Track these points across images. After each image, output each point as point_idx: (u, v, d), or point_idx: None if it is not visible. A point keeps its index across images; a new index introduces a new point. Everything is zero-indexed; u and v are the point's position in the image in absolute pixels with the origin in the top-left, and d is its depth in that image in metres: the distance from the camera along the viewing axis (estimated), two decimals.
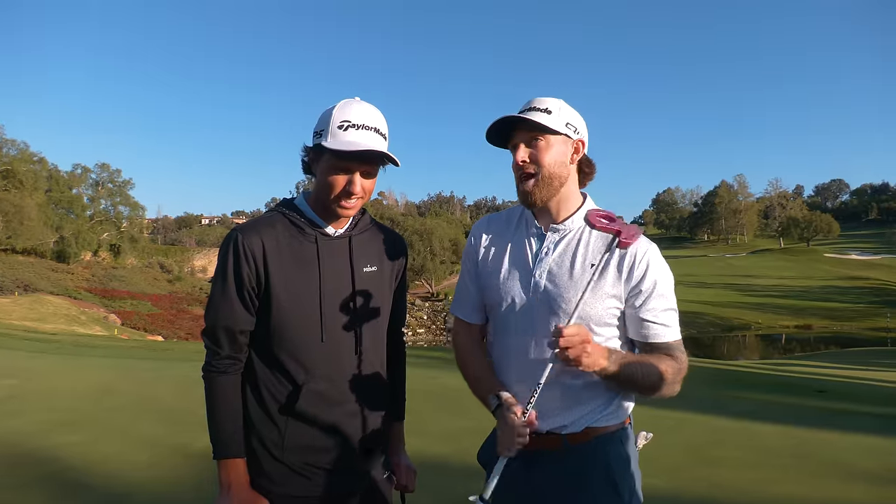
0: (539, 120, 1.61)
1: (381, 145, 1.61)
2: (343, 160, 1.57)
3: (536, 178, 1.63)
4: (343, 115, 1.58)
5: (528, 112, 1.64)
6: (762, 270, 69.14)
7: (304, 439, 1.64)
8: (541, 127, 1.62)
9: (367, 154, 1.57)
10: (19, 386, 7.49)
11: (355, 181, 1.60)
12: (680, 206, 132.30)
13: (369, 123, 1.59)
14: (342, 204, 1.62)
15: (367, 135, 1.58)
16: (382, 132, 1.63)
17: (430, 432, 5.03)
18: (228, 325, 1.60)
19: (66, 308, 38.02)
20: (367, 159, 1.60)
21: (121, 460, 4.56)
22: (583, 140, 1.69)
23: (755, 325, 43.90)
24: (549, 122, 1.62)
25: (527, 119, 1.61)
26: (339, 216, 1.66)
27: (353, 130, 1.56)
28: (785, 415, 6.53)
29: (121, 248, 60.62)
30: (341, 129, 1.56)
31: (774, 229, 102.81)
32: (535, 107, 1.65)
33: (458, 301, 1.88)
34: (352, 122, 1.57)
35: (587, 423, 1.62)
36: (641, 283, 1.59)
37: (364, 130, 1.58)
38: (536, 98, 1.68)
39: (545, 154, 1.63)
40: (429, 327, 46.23)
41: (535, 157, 1.63)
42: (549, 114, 1.63)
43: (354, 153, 1.55)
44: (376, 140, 1.60)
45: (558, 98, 1.69)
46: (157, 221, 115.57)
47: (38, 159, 52.37)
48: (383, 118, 1.65)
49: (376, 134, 1.60)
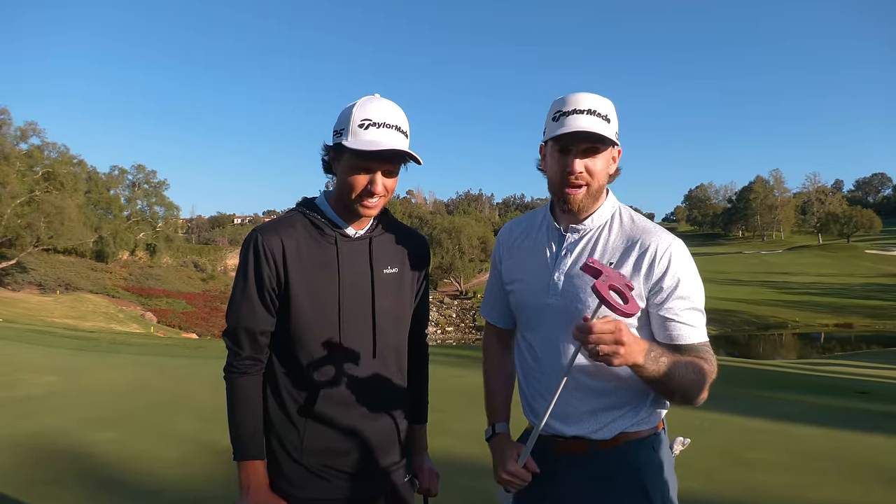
0: (605, 132, 1.49)
1: (403, 143, 1.57)
2: (364, 160, 1.54)
3: (588, 189, 1.55)
4: (363, 113, 1.54)
5: (591, 119, 1.50)
6: (800, 267, 67.36)
7: (322, 441, 1.62)
8: (605, 139, 1.51)
9: (388, 154, 1.54)
10: (59, 383, 7.70)
11: (377, 181, 1.57)
12: (713, 203, 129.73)
13: (390, 121, 1.55)
14: (364, 203, 1.59)
15: (388, 133, 1.54)
16: (404, 130, 1.59)
17: (457, 431, 4.99)
18: (249, 326, 1.60)
19: (104, 306, 39.21)
20: (389, 159, 1.57)
21: (153, 457, 4.65)
22: (620, 148, 1.62)
23: (792, 324, 42.75)
24: (610, 133, 1.51)
25: (601, 135, 1.49)
26: (361, 216, 1.64)
27: (374, 129, 1.53)
28: (825, 417, 6.31)
29: (156, 247, 62.16)
30: (362, 128, 1.53)
31: (812, 225, 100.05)
32: (596, 111, 1.51)
33: (486, 304, 1.88)
34: (372, 120, 1.54)
35: (618, 429, 1.56)
36: (662, 281, 1.50)
37: (385, 129, 1.54)
38: (593, 98, 1.54)
39: (602, 168, 1.56)
40: (457, 325, 46.28)
41: (591, 169, 1.54)
42: (609, 122, 1.52)
43: (375, 153, 1.52)
44: (397, 138, 1.56)
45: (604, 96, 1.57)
46: (191, 221, 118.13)
47: (77, 161, 53.89)
48: (404, 115, 1.61)
49: (397, 132, 1.56)
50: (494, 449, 1.70)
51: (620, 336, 1.29)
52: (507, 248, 1.77)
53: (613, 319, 1.31)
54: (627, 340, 1.31)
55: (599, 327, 1.28)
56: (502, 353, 1.85)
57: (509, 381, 1.83)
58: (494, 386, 1.82)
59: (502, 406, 1.79)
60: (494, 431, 1.74)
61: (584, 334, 1.29)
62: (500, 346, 1.85)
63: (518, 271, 1.70)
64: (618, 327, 1.30)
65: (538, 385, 1.64)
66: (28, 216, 43.69)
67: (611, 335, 1.28)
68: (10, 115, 47.65)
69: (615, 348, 1.29)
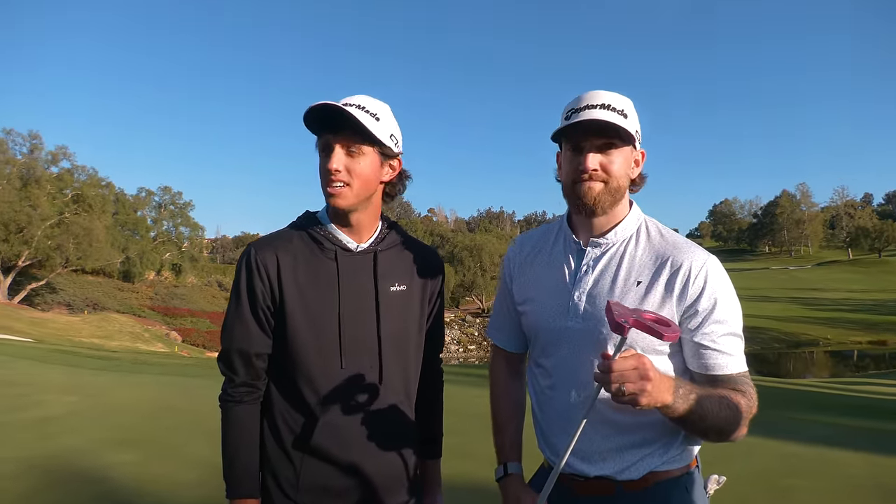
0: (621, 124, 1.36)
1: (358, 114, 1.42)
2: (317, 133, 1.45)
3: (607, 185, 1.40)
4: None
5: (605, 112, 1.37)
6: (830, 283, 65.81)
7: (320, 479, 1.47)
8: (621, 133, 1.37)
9: (328, 111, 1.40)
10: (80, 403, 7.70)
11: (332, 156, 1.43)
12: (738, 217, 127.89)
13: (351, 101, 1.44)
14: (328, 190, 1.45)
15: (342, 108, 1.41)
16: (370, 111, 1.45)
17: (479, 455, 4.82)
18: (243, 348, 1.47)
19: (130, 325, 39.71)
20: (335, 126, 1.42)
21: (170, 480, 4.57)
22: (644, 152, 1.47)
23: (824, 341, 41.57)
24: (627, 126, 1.37)
25: (616, 126, 1.36)
26: (337, 211, 1.50)
27: (327, 102, 1.42)
28: (863, 440, 6.03)
29: (182, 267, 63.00)
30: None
31: (842, 240, 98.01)
32: (611, 105, 1.38)
33: (494, 325, 1.71)
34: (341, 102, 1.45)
35: (647, 469, 1.40)
36: (698, 303, 1.35)
37: (344, 107, 1.42)
38: (607, 93, 1.41)
39: (621, 164, 1.41)
40: (479, 343, 45.96)
41: (606, 166, 1.39)
42: (626, 118, 1.38)
43: (312, 108, 1.40)
44: (350, 109, 1.42)
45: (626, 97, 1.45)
46: (215, 241, 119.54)
47: (105, 184, 55.06)
48: (379, 104, 1.49)
49: (357, 109, 1.43)
50: (507, 493, 1.55)
51: (646, 371, 1.13)
52: (519, 264, 1.61)
53: (636, 353, 1.16)
54: (654, 376, 1.14)
55: (620, 364, 1.12)
56: (511, 379, 1.69)
57: (519, 410, 1.67)
58: (504, 417, 1.66)
59: (513, 441, 1.63)
60: (506, 472, 1.58)
61: (605, 374, 1.13)
62: (509, 371, 1.70)
63: (532, 290, 1.54)
64: (641, 362, 1.14)
65: (555, 416, 1.48)
66: (58, 238, 44.78)
67: (635, 371, 1.12)
68: (42, 139, 49.20)
69: (642, 385, 1.12)
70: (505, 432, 1.64)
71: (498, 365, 1.71)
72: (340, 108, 1.40)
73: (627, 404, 1.15)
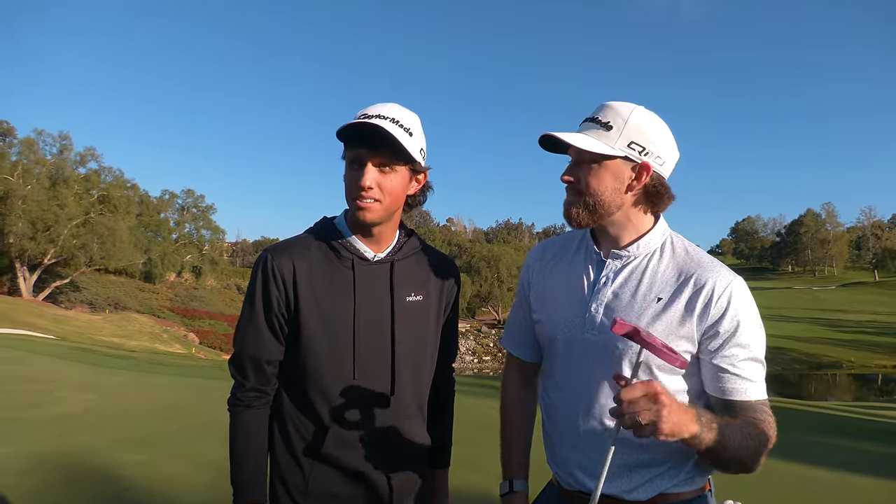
0: (584, 146, 1.32)
1: (390, 128, 1.39)
2: (348, 146, 1.43)
3: (581, 199, 1.38)
4: (364, 110, 1.44)
5: (585, 126, 1.37)
6: (854, 305, 64.49)
7: (329, 486, 1.48)
8: (586, 154, 1.35)
9: (362, 129, 1.38)
10: (96, 401, 7.80)
11: (365, 172, 1.41)
12: (761, 236, 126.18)
13: (385, 113, 1.41)
14: (357, 204, 1.43)
15: (375, 120, 1.39)
16: (403, 125, 1.43)
17: (488, 467, 4.77)
18: (254, 354, 1.47)
19: (150, 326, 40.25)
20: (371, 143, 1.40)
21: (182, 481, 4.58)
22: (649, 164, 1.35)
23: (847, 364, 40.68)
24: (598, 147, 1.32)
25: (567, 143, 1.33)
26: (363, 224, 1.48)
27: (364, 118, 1.40)
28: (886, 467, 5.86)
29: (202, 269, 63.80)
30: (354, 118, 1.42)
31: (868, 261, 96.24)
32: (597, 118, 1.36)
33: (509, 333, 1.68)
34: (368, 112, 1.42)
35: (656, 490, 1.36)
36: (719, 324, 1.30)
37: (377, 119, 1.39)
38: (606, 104, 1.38)
39: (593, 179, 1.36)
40: (495, 355, 45.80)
41: (581, 180, 1.37)
42: (609, 130, 1.33)
43: (348, 126, 1.38)
44: (383, 123, 1.39)
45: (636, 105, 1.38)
46: (235, 245, 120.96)
47: (130, 185, 56.15)
48: (411, 115, 1.47)
49: (392, 123, 1.40)
50: None
51: (656, 395, 1.08)
52: (538, 272, 1.58)
53: (644, 381, 1.11)
54: (667, 401, 1.09)
55: (628, 393, 1.08)
56: (524, 391, 1.65)
57: (529, 424, 1.64)
58: (512, 430, 1.62)
59: (521, 457, 1.59)
60: (512, 489, 1.55)
61: (618, 405, 1.09)
62: (521, 383, 1.66)
63: (549, 299, 1.51)
64: (651, 386, 1.08)
65: (564, 431, 1.45)
66: (83, 237, 45.69)
67: (644, 397, 1.08)
68: (72, 140, 50.35)
69: (657, 411, 1.07)
70: (513, 446, 1.61)
71: (511, 376, 1.68)
72: (380, 127, 1.38)
73: (651, 436, 1.09)
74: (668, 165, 1.40)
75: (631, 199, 1.40)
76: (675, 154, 1.41)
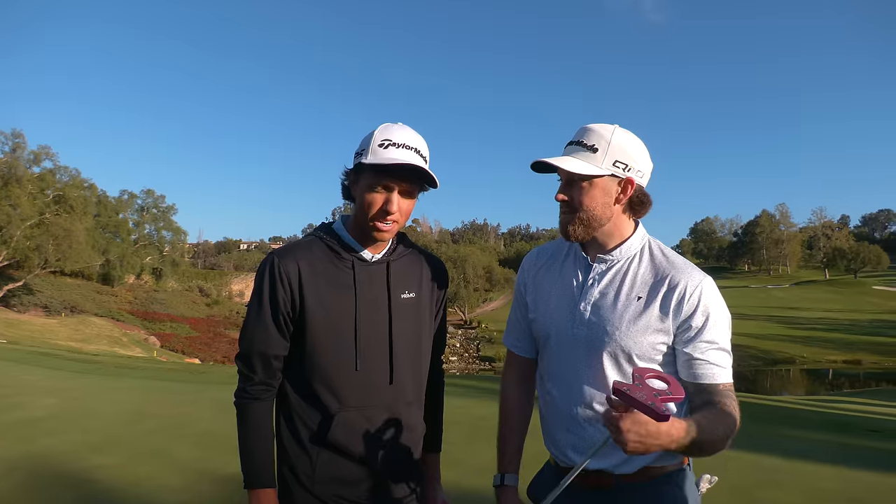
0: (575, 170, 1.49)
1: (422, 164, 1.57)
2: (381, 176, 1.54)
3: (576, 216, 1.55)
4: (384, 134, 1.55)
5: (572, 149, 1.54)
6: (807, 302, 66.85)
7: (335, 470, 1.60)
8: (577, 174, 1.52)
9: (405, 168, 1.53)
10: (60, 406, 7.63)
11: (393, 199, 1.55)
12: (719, 236, 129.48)
13: (410, 143, 1.56)
14: (378, 225, 1.57)
15: (407, 153, 1.55)
16: (423, 154, 1.59)
17: (466, 463, 4.89)
18: (263, 350, 1.58)
19: (109, 329, 39.19)
20: (406, 176, 1.55)
21: (153, 484, 4.56)
22: (632, 179, 1.53)
23: (800, 360, 42.21)
24: (588, 168, 1.50)
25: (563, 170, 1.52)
26: (376, 239, 1.63)
27: (394, 148, 1.54)
28: (837, 455, 6.18)
29: (162, 271, 62.37)
30: (382, 147, 1.53)
31: (819, 260, 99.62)
32: (582, 141, 1.53)
33: (509, 332, 1.84)
34: (393, 140, 1.55)
35: (641, 463, 1.52)
36: (691, 319, 1.48)
37: (405, 149, 1.54)
38: (587, 127, 1.55)
39: (585, 197, 1.54)
40: (461, 355, 45.90)
41: (575, 198, 1.54)
42: (595, 152, 1.50)
43: (393, 166, 1.51)
44: (416, 159, 1.56)
45: (611, 124, 1.55)
46: (197, 246, 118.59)
47: (88, 185, 54.50)
48: (424, 142, 1.62)
49: (417, 154, 1.57)
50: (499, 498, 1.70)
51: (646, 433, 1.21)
52: (533, 275, 1.76)
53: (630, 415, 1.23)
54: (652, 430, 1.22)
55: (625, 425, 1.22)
56: (521, 389, 1.80)
57: (526, 419, 1.80)
58: (510, 425, 1.78)
59: (514, 453, 1.75)
60: (503, 482, 1.71)
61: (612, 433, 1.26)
62: (519, 381, 1.81)
63: (542, 300, 1.68)
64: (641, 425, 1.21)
65: (558, 416, 1.62)
66: (37, 238, 44.13)
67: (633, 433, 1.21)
68: (25, 138, 48.57)
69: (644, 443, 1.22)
70: (508, 442, 1.76)
71: (510, 374, 1.83)
72: (419, 167, 1.53)
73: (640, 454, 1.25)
74: (647, 176, 1.59)
75: (619, 210, 1.58)
76: (650, 165, 1.59)
